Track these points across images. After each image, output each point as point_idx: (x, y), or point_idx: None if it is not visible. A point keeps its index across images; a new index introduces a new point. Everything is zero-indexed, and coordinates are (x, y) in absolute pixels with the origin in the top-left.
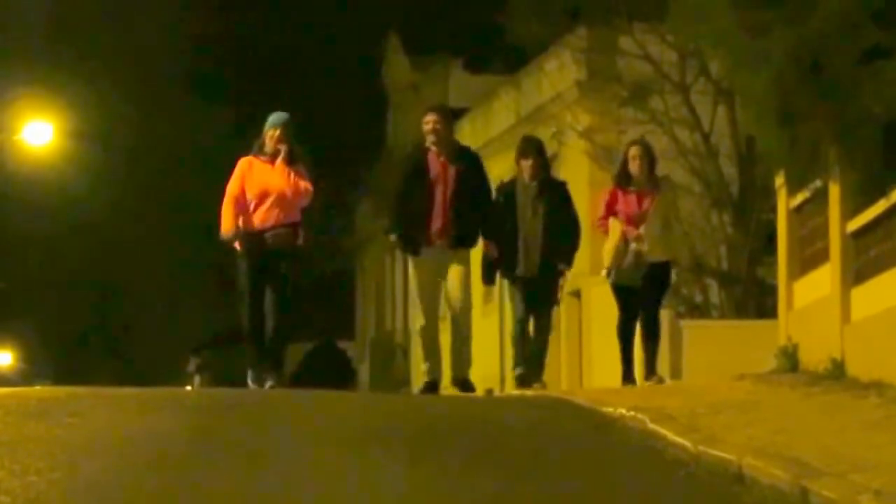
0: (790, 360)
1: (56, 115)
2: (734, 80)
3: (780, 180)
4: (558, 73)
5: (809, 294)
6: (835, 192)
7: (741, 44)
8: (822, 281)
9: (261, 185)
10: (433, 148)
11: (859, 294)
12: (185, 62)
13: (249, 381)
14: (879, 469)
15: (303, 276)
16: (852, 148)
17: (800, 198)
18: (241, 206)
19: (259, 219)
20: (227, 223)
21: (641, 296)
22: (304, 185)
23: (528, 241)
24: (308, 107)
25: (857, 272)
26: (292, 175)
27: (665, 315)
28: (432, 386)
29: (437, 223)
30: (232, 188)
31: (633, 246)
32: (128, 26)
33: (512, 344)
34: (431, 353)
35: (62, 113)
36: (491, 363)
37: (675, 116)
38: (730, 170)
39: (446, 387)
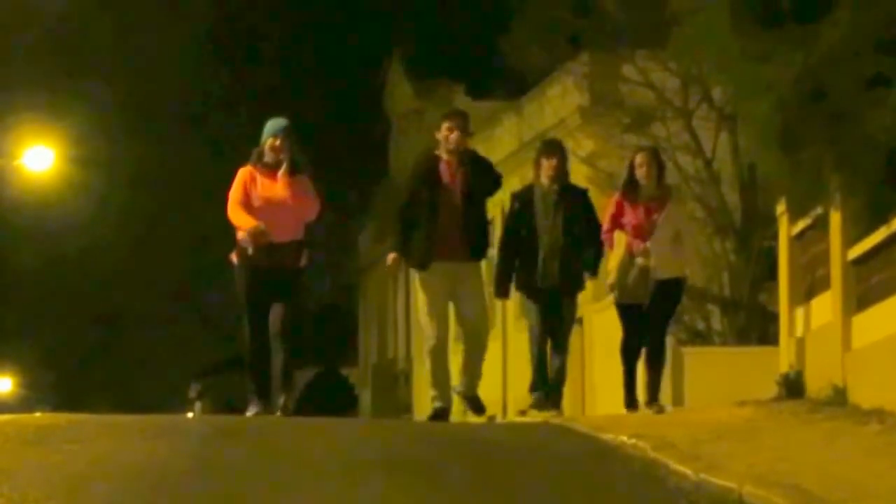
0: (792, 387)
1: (57, 141)
2: (736, 107)
3: (781, 207)
4: (561, 99)
5: (811, 321)
6: (836, 219)
7: (743, 71)
8: (823, 308)
9: (263, 198)
10: (444, 156)
11: (861, 321)
12: (186, 89)
13: (249, 412)
14: (880, 497)
15: (306, 301)
16: (854, 175)
17: (801, 225)
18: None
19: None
20: (244, 221)
21: (648, 316)
22: (310, 198)
23: (546, 250)
24: (310, 133)
25: (859, 299)
26: (296, 188)
27: (667, 341)
28: (442, 413)
29: (448, 236)
30: (235, 195)
31: (638, 261)
32: (128, 52)
33: (532, 364)
34: (440, 378)
35: (63, 138)
36: (493, 389)
37: (678, 143)
38: (732, 196)
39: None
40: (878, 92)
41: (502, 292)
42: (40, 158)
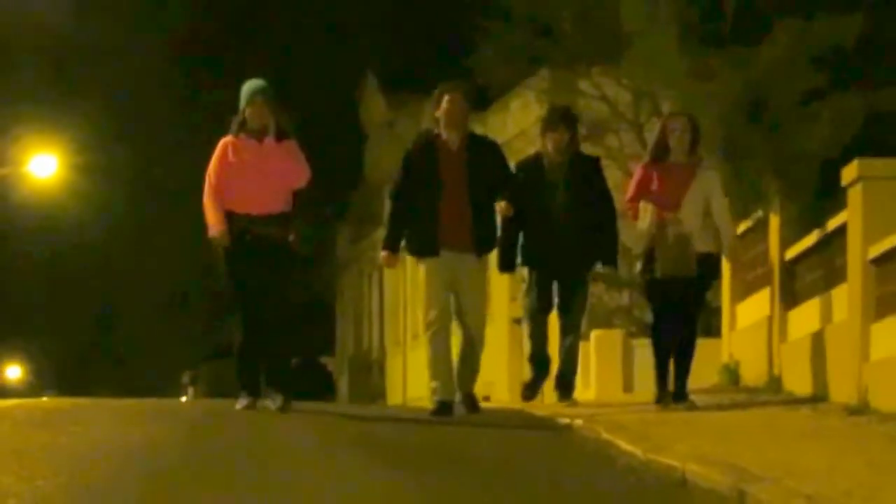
0: (732, 375)
1: (60, 149)
2: None
3: None
4: (522, 111)
5: (750, 315)
6: (774, 222)
7: (689, 86)
8: (762, 303)
9: (247, 167)
10: (445, 134)
11: (795, 316)
12: (183, 98)
13: (239, 405)
14: (811, 475)
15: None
16: (790, 182)
17: (743, 227)
18: (225, 198)
19: (246, 206)
20: (213, 219)
21: (678, 300)
22: (299, 164)
23: (555, 226)
24: None
25: (794, 296)
26: (284, 153)
27: (618, 334)
28: (445, 407)
29: (450, 222)
30: (211, 177)
31: (669, 229)
32: (128, 63)
33: (529, 355)
34: (442, 369)
35: (66, 147)
36: None
37: (630, 152)
38: None
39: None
40: (813, 106)
41: (506, 266)
42: (45, 166)
